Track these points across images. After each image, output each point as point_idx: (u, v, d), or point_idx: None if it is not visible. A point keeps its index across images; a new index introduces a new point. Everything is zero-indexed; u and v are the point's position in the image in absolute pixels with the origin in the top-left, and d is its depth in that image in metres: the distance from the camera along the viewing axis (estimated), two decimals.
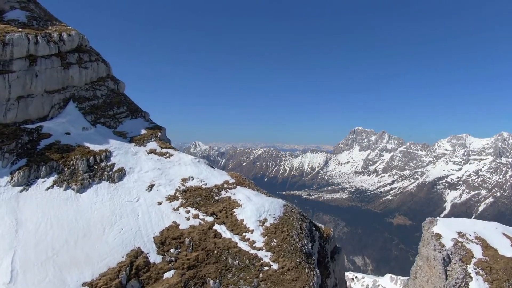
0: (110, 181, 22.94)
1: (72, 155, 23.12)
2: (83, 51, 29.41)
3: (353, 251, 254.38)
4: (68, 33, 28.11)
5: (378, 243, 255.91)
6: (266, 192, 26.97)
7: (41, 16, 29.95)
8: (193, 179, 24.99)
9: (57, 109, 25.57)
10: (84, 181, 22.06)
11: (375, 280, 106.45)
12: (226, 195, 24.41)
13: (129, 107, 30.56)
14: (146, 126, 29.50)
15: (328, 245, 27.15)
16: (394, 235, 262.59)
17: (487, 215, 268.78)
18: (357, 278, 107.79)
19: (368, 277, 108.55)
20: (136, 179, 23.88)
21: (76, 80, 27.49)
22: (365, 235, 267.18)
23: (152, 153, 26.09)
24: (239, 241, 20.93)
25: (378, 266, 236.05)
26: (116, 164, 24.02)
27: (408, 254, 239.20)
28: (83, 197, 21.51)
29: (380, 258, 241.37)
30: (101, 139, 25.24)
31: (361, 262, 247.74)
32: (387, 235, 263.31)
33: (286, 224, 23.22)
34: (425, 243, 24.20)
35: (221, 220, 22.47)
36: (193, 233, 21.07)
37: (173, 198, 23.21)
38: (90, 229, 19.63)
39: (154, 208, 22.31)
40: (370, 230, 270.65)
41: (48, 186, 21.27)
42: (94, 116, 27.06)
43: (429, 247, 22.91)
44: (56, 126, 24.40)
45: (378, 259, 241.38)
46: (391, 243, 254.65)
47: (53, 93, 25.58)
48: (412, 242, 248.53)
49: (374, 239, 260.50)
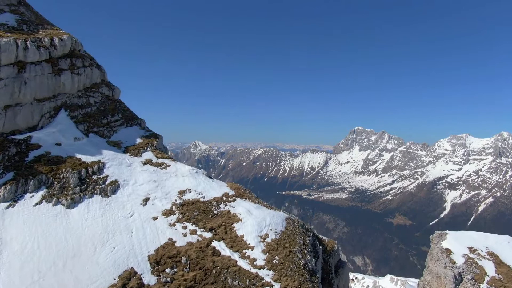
0: (102, 195, 21.74)
1: (62, 168, 21.90)
2: (76, 56, 28.14)
3: (353, 251, 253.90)
4: (60, 38, 26.84)
5: (378, 243, 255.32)
6: (267, 204, 25.82)
7: (32, 19, 28.67)
8: (191, 192, 23.80)
9: (47, 118, 24.31)
10: (75, 196, 20.86)
11: (375, 281, 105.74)
12: (225, 209, 23.25)
13: (124, 115, 29.29)
14: (141, 135, 28.26)
15: (332, 259, 26.04)
16: (394, 235, 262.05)
17: (487, 215, 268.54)
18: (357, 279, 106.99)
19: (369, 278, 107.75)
20: (131, 192, 22.68)
21: (68, 87, 26.23)
22: (365, 235, 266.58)
23: (148, 164, 24.89)
24: (239, 259, 19.80)
25: (378, 266, 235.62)
26: (109, 176, 22.81)
27: (408, 254, 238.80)
28: (73, 213, 20.31)
29: (380, 258, 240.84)
30: (94, 150, 24.01)
31: (361, 262, 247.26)
32: (387, 235, 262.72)
33: (289, 239, 22.10)
34: (434, 258, 23.01)
35: (220, 236, 21.32)
36: (190, 251, 19.91)
37: (169, 213, 22.03)
38: (80, 249, 18.44)
39: (149, 224, 21.14)
40: (370, 230, 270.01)
41: (36, 202, 20.07)
42: (87, 125, 25.81)
43: (439, 263, 21.71)
44: (46, 136, 23.17)
45: (378, 259, 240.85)
46: (391, 243, 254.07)
47: (43, 101, 24.32)
48: (412, 242, 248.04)
49: (374, 239, 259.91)
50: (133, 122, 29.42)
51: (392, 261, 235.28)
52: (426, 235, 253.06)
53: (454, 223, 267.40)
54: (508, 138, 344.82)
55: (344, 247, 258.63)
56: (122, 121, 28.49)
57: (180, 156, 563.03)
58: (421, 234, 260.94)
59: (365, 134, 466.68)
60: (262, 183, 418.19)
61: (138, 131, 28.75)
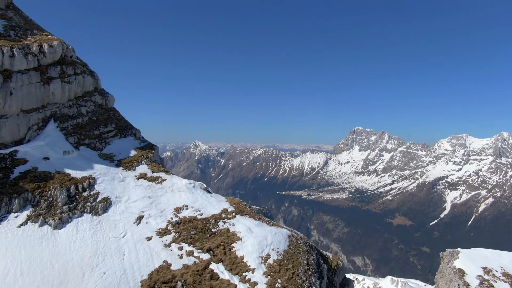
0: (93, 213, 20.37)
1: (50, 184, 20.51)
2: (67, 63, 26.71)
3: (353, 251, 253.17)
4: (49, 44, 25.40)
5: (378, 243, 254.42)
6: (268, 220, 24.49)
7: (21, 25, 27.20)
8: (188, 208, 22.45)
9: (35, 131, 22.91)
10: (63, 215, 19.49)
11: (375, 282, 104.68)
12: (224, 227, 21.91)
13: (118, 125, 27.87)
14: (136, 146, 26.85)
15: (337, 277, 24.75)
16: (394, 235, 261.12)
17: (487, 215, 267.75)
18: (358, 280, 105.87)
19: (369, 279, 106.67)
20: (123, 210, 21.32)
21: (58, 96, 24.80)
22: (365, 235, 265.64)
23: (142, 179, 23.50)
24: (239, 283, 18.48)
25: (378, 266, 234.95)
26: (100, 193, 21.43)
27: (408, 255, 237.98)
28: (61, 235, 18.95)
29: (380, 259, 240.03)
30: (85, 164, 22.61)
31: (361, 263, 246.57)
32: (387, 235, 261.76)
33: (292, 260, 20.80)
34: (446, 279, 21.70)
35: (219, 257, 19.99)
36: (186, 275, 18.58)
37: (164, 232, 20.68)
38: (67, 275, 17.09)
39: (142, 245, 19.79)
40: (370, 230, 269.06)
41: (21, 223, 18.69)
42: (78, 137, 24.39)
43: (452, 285, 20.43)
44: (34, 150, 21.77)
45: (378, 260, 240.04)
46: (391, 243, 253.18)
47: (30, 112, 22.91)
48: (412, 242, 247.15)
49: (374, 239, 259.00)
50: (127, 132, 27.99)
51: (392, 261, 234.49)
52: (426, 235, 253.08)
53: (454, 224, 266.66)
54: (508, 138, 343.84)
55: (344, 247, 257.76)
56: (116, 132, 27.07)
57: (180, 156, 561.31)
58: (421, 234, 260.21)
59: (365, 134, 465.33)
60: (262, 183, 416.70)
61: (133, 142, 27.34)
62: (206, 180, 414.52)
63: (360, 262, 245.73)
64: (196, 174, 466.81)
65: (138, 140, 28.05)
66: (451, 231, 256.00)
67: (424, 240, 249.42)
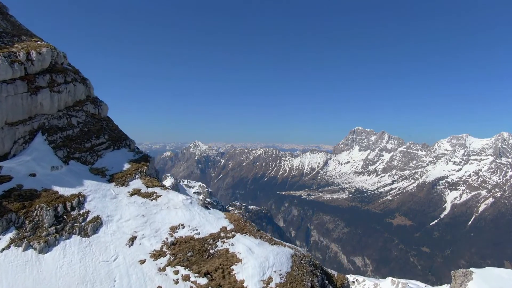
0: (82, 234, 19.00)
1: (36, 203, 19.13)
2: (57, 71, 25.27)
3: (353, 252, 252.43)
4: (37, 51, 23.94)
5: (378, 244, 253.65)
6: (270, 238, 23.14)
7: (8, 30, 25.74)
8: (184, 227, 21.09)
9: (21, 144, 21.50)
10: (49, 238, 18.12)
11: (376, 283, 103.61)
12: (223, 247, 20.56)
13: (111, 135, 26.46)
14: (130, 159, 25.44)
15: None
16: (394, 235, 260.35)
17: (487, 215, 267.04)
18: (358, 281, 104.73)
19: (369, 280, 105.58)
20: (115, 230, 19.95)
21: (46, 107, 23.38)
22: (365, 236, 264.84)
23: (136, 195, 22.12)
24: None
25: (378, 266, 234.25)
26: (91, 212, 20.06)
27: (408, 255, 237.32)
28: (46, 259, 17.58)
29: (380, 259, 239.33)
30: (74, 180, 21.22)
31: (361, 263, 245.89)
32: (387, 235, 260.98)
33: (295, 283, 19.47)
34: None
35: (217, 282, 18.64)
36: None
37: (159, 254, 19.33)
38: None
39: (135, 269, 18.44)
40: (370, 231, 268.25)
41: (3, 247, 17.32)
42: (67, 151, 22.99)
43: None
44: (19, 166, 20.37)
45: (378, 260, 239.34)
46: (391, 243, 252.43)
47: (16, 125, 21.50)
48: (412, 243, 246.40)
49: (374, 240, 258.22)
50: (121, 143, 26.58)
51: (392, 261, 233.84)
52: (426, 236, 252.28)
53: (454, 224, 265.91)
54: (508, 138, 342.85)
55: (344, 247, 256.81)
56: (109, 143, 25.66)
57: (180, 156, 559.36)
58: (421, 234, 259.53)
59: (365, 134, 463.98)
60: (262, 183, 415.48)
61: (127, 154, 25.93)
62: (206, 180, 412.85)
63: (360, 262, 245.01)
64: (196, 174, 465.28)
65: (133, 151, 26.64)
66: (451, 231, 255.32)
67: (424, 240, 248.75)
